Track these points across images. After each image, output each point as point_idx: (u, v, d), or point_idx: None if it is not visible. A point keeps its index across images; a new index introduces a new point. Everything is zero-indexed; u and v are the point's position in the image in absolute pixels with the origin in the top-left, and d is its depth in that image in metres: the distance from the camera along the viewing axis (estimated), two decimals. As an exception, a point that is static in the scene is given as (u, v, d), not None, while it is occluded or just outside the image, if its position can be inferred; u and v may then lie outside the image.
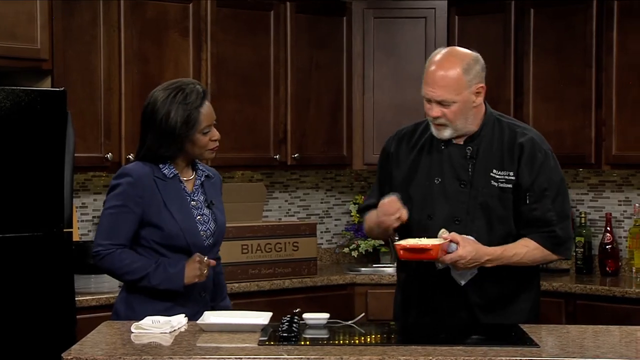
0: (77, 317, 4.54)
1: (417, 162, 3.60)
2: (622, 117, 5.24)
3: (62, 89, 4.57)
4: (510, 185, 3.52)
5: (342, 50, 5.85)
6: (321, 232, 6.12)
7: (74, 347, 3.03)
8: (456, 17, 5.81)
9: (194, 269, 3.50)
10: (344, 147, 5.87)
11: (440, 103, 3.50)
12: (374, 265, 6.01)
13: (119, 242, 3.50)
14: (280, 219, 6.06)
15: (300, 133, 5.72)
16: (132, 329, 3.21)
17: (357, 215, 6.03)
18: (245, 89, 5.52)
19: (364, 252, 6.09)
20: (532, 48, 5.54)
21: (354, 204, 6.19)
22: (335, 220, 6.27)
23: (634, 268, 5.38)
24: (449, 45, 5.80)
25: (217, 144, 3.59)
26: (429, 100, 3.52)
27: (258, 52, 5.56)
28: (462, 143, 3.57)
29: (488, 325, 3.53)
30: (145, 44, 5.17)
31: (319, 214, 6.22)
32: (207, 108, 3.55)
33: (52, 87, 4.74)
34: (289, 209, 6.13)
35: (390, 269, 5.89)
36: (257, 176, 5.96)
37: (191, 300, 3.54)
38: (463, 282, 3.52)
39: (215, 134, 3.57)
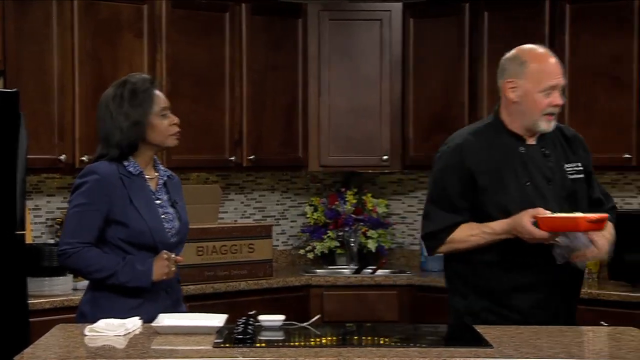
0: (30, 320, 4.49)
1: (499, 169, 3.60)
2: (575, 119, 5.29)
3: (15, 89, 4.53)
4: (582, 175, 3.68)
5: (298, 52, 5.85)
6: (277, 233, 6.11)
7: (26, 350, 3.00)
8: (411, 19, 5.83)
9: (162, 266, 3.52)
10: (300, 149, 5.88)
11: (562, 90, 3.64)
12: (330, 267, 6.02)
13: (85, 241, 3.49)
14: (235, 220, 6.05)
15: (256, 135, 5.71)
16: (86, 332, 3.19)
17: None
18: (200, 90, 5.51)
19: (319, 254, 6.10)
20: (486, 51, 5.58)
21: (310, 205, 6.19)
22: (291, 222, 6.26)
23: (586, 269, 5.42)
24: (404, 48, 5.83)
25: (177, 128, 3.63)
26: (552, 90, 3.58)
27: (213, 54, 5.55)
28: (534, 143, 3.65)
29: (443, 326, 3.55)
30: (99, 44, 5.14)
31: (274, 216, 6.21)
32: (157, 92, 3.60)
33: (4, 88, 4.69)
34: (245, 211, 6.12)
35: (346, 271, 5.91)
36: (212, 178, 5.94)
37: (160, 296, 3.56)
38: (561, 262, 3.56)
39: (174, 118, 3.62)
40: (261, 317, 3.35)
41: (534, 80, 3.55)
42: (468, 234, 3.59)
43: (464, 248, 3.61)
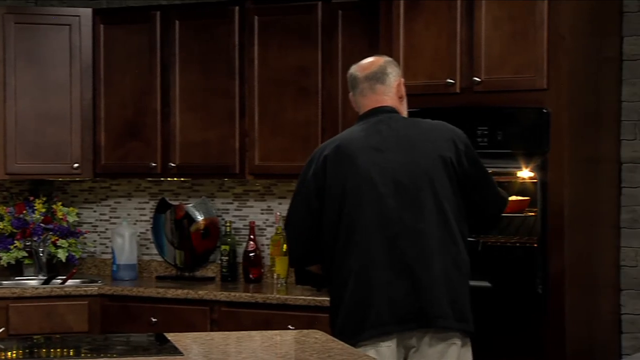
0: None
1: None
2: (263, 128, 5.43)
3: None
4: None
5: (-18, 56, 5.62)
6: (-40, 245, 5.84)
7: None
8: (102, 25, 5.77)
9: None
10: (-15, 156, 5.65)
11: None
12: (17, 278, 5.82)
13: None
14: None
15: (-64, 141, 5.43)
16: None
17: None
18: None
19: (6, 265, 5.89)
20: (177, 59, 5.61)
21: (-5, 214, 5.98)
22: (-25, 232, 6.00)
23: (275, 274, 5.59)
24: (94, 54, 5.75)
25: None
26: None
27: None
28: None
29: (134, 336, 3.55)
30: None
31: (-43, 226, 5.93)
32: None
33: None
34: None
35: (34, 282, 5.74)
36: None
37: None
38: None
39: None
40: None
41: None
42: None
43: None
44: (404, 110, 3.94)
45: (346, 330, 3.66)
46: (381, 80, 3.88)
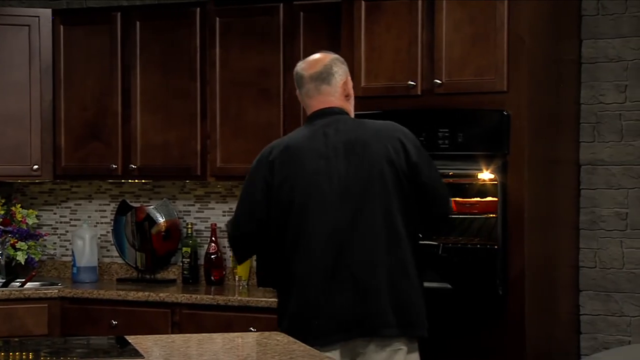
0: None
1: None
2: (225, 130, 5.42)
3: None
4: None
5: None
6: None
7: None
8: (61, 26, 5.73)
9: None
10: (-57, 158, 5.59)
11: None
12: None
13: None
14: None
15: None
16: None
17: None
18: None
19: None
20: (138, 60, 5.59)
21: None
22: None
23: (237, 276, 5.58)
24: (54, 55, 5.71)
25: None
26: None
27: None
28: None
29: (94, 338, 3.53)
30: None
31: None
32: None
33: None
34: None
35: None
36: None
37: None
38: None
39: None
40: None
41: None
42: None
43: None
44: (351, 109, 3.91)
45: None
46: (327, 81, 3.84)
